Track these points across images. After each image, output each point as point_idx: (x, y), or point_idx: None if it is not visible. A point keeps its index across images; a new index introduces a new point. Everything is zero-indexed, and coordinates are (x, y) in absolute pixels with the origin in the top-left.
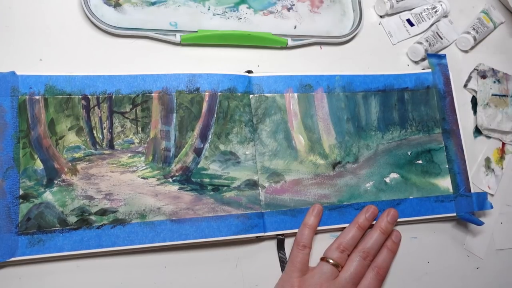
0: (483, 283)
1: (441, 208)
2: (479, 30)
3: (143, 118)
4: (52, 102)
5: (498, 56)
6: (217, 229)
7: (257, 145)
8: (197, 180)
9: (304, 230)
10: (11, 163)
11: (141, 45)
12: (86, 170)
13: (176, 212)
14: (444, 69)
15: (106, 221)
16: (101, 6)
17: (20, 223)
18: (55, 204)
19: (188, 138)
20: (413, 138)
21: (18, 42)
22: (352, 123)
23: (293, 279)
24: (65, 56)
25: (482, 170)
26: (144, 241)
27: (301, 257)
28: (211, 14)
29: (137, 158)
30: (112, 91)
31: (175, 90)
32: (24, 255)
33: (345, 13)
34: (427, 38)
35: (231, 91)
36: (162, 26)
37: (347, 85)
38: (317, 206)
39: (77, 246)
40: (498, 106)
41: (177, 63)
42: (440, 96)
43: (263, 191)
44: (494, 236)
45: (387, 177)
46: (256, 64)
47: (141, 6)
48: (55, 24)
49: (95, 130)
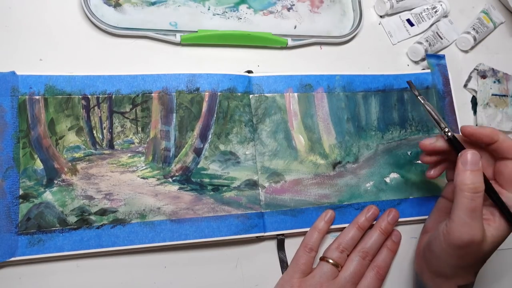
0: (483, 283)
1: None
2: (479, 30)
3: (143, 118)
4: (52, 102)
5: (498, 56)
6: (217, 229)
7: (257, 145)
8: (197, 180)
9: (314, 233)
10: (11, 163)
11: (141, 45)
12: (86, 170)
13: (176, 212)
14: (443, 69)
15: (106, 221)
16: (101, 6)
17: (20, 223)
18: (55, 204)
19: (188, 138)
20: (413, 138)
21: (18, 42)
22: (352, 123)
23: (294, 279)
24: (65, 56)
25: None
26: (144, 241)
27: (306, 259)
28: (211, 14)
29: (137, 158)
30: (112, 91)
31: (175, 90)
32: (24, 255)
33: (345, 13)
34: (427, 38)
35: (231, 91)
36: (162, 26)
37: (347, 85)
38: (330, 212)
39: (77, 246)
40: (498, 106)
41: (177, 63)
42: (440, 96)
43: (263, 191)
44: None
45: (387, 177)
46: (256, 64)
47: (141, 6)
48: (55, 24)
49: (95, 130)
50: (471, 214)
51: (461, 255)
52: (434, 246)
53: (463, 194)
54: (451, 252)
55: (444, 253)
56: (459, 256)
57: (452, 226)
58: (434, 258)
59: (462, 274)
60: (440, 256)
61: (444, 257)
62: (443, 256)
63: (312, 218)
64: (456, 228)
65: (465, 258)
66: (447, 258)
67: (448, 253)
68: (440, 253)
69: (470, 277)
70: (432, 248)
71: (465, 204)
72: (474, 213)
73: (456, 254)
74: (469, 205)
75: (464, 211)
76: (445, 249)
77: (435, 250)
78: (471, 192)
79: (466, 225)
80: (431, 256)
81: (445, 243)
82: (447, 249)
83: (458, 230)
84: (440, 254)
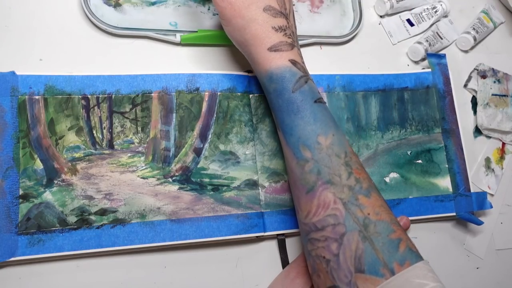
0: (483, 283)
1: (441, 208)
2: (479, 30)
3: (143, 118)
4: (52, 102)
5: (498, 56)
6: (217, 229)
7: (257, 145)
8: (197, 180)
9: None
10: (10, 163)
11: (141, 45)
12: (86, 170)
13: (176, 212)
14: (443, 68)
15: (106, 221)
16: (101, 6)
17: (20, 223)
18: (55, 204)
19: (188, 138)
20: (412, 138)
21: (18, 42)
22: (352, 122)
23: (300, 267)
24: (65, 56)
25: (482, 170)
26: (144, 241)
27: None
28: (211, 14)
29: (137, 158)
30: (112, 91)
31: (175, 90)
32: (24, 255)
33: (345, 13)
34: (427, 38)
35: (230, 91)
36: (162, 26)
37: (347, 85)
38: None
39: (77, 246)
40: (498, 106)
41: (177, 63)
42: (440, 95)
43: (263, 191)
44: (494, 236)
45: (387, 177)
46: None
47: (141, 6)
48: (55, 24)
49: (95, 130)
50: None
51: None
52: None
53: None
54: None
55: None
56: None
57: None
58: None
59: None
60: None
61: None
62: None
63: None
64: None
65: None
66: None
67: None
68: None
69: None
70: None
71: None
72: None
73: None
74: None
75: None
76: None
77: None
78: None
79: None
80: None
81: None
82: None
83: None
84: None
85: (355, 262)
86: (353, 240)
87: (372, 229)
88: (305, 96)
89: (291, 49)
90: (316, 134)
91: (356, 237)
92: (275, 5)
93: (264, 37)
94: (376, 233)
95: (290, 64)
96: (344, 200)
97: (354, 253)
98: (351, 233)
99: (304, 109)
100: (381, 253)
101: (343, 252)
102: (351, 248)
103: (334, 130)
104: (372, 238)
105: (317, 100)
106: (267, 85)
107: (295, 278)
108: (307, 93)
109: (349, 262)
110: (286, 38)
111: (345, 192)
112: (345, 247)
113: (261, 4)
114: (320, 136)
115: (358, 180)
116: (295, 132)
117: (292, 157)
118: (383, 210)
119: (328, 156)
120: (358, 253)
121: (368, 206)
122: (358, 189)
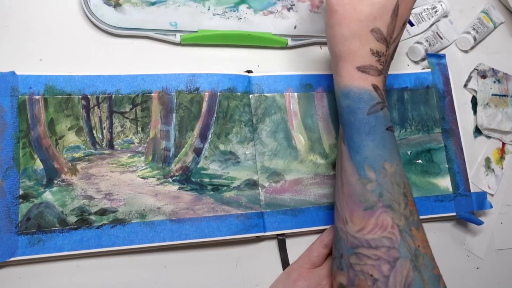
0: (483, 283)
1: (441, 208)
2: (479, 30)
3: (143, 118)
4: (52, 102)
5: (498, 56)
6: (217, 229)
7: (257, 145)
8: (197, 180)
9: (332, 231)
10: (11, 163)
11: (141, 45)
12: (86, 170)
13: (176, 212)
14: (443, 69)
15: (106, 221)
16: (101, 6)
17: (20, 223)
18: (55, 204)
19: (188, 138)
20: (412, 138)
21: (18, 42)
22: None
23: (302, 268)
24: (65, 56)
25: (482, 170)
26: (144, 241)
27: (319, 253)
28: (211, 14)
29: (137, 158)
30: (112, 91)
31: (175, 90)
32: (24, 255)
33: None
34: (427, 38)
35: (231, 91)
36: (162, 26)
37: None
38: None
39: (77, 246)
40: (498, 106)
41: (177, 63)
42: (440, 95)
43: (263, 191)
44: (494, 236)
45: None
46: (256, 64)
47: (141, 6)
48: (55, 24)
49: (95, 130)
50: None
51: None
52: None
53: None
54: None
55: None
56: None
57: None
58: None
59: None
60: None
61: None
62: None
63: (312, 218)
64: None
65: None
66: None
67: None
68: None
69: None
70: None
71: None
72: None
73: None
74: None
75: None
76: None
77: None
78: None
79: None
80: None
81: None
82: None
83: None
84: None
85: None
86: (405, 267)
87: (421, 260)
88: (378, 121)
89: (377, 75)
90: (383, 159)
91: (408, 264)
92: (384, 30)
93: (358, 55)
94: (424, 265)
95: (372, 88)
96: (400, 227)
97: (405, 279)
98: (404, 260)
99: (376, 133)
100: (427, 285)
101: (394, 275)
102: (402, 274)
103: (398, 160)
104: (421, 269)
105: (388, 127)
106: (340, 99)
107: (297, 280)
108: (381, 119)
109: (398, 286)
110: (377, 64)
111: (402, 220)
112: (397, 271)
113: (371, 24)
114: (386, 163)
115: (412, 212)
116: (362, 151)
117: (355, 173)
118: (427, 245)
119: (391, 183)
120: (408, 280)
121: (418, 239)
122: (411, 220)
